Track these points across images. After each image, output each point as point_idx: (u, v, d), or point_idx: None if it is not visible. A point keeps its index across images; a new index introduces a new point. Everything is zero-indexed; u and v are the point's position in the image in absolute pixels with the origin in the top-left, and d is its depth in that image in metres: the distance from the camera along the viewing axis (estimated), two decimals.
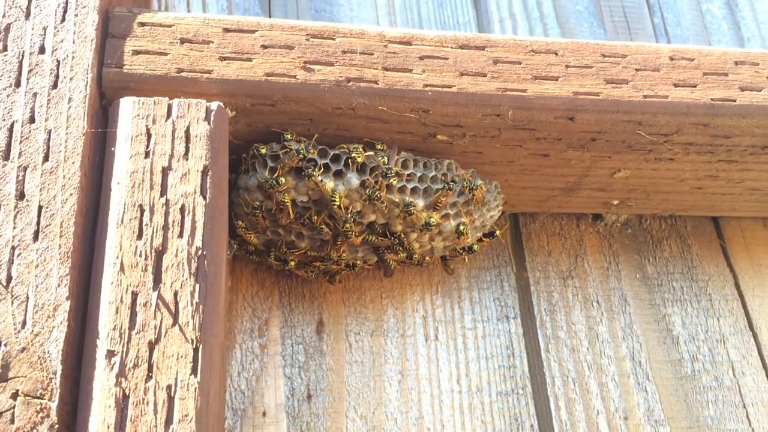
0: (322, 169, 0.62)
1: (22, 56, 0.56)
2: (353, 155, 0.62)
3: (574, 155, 0.69)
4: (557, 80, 0.64)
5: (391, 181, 0.62)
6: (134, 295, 0.50)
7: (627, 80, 0.65)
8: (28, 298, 0.49)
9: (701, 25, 1.00)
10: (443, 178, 0.66)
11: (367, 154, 0.62)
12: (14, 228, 0.50)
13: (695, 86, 0.67)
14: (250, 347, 0.71)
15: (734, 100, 0.67)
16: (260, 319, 0.72)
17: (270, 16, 0.87)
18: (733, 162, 0.72)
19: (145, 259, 0.51)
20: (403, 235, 0.67)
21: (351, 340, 0.73)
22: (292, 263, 0.69)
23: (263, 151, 0.62)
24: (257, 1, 0.88)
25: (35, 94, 0.55)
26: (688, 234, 0.85)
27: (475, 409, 0.72)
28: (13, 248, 0.50)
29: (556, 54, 0.65)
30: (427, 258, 0.72)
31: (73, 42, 0.57)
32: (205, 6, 0.87)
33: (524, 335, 0.76)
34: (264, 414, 0.68)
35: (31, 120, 0.54)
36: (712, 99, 0.66)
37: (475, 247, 0.72)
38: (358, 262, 0.70)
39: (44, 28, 0.57)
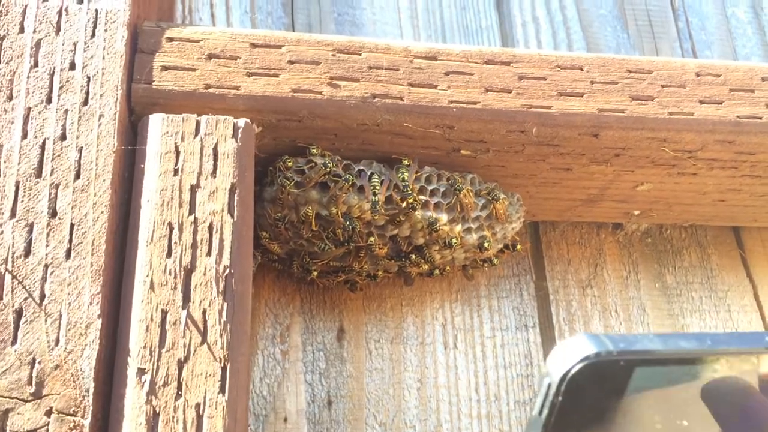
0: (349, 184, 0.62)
1: (53, 72, 0.56)
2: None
3: (597, 169, 0.69)
4: (582, 96, 0.64)
5: (408, 200, 0.62)
6: (164, 313, 0.51)
7: (652, 97, 0.65)
8: (61, 316, 0.50)
9: (726, 30, 0.99)
10: (455, 186, 0.65)
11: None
12: (47, 246, 0.51)
13: (721, 103, 0.66)
14: (272, 353, 0.72)
15: (760, 118, 0.66)
16: (282, 326, 0.73)
17: (293, 21, 0.87)
18: (757, 177, 0.71)
19: (175, 277, 0.52)
20: (425, 248, 0.67)
21: (371, 347, 0.74)
22: (315, 273, 0.69)
23: (289, 164, 0.63)
24: (280, 4, 0.88)
25: (66, 111, 0.55)
26: (708, 243, 0.85)
27: (493, 418, 0.73)
28: (46, 266, 0.51)
29: (582, 70, 0.65)
30: (448, 268, 0.73)
31: (103, 58, 0.57)
32: (228, 8, 0.87)
33: (543, 344, 0.77)
34: (285, 420, 0.69)
35: (63, 137, 0.54)
36: (737, 116, 0.66)
37: (495, 260, 0.73)
38: (380, 273, 0.70)
39: (74, 44, 0.57)
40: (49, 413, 0.47)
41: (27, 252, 0.51)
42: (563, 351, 0.36)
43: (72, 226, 0.52)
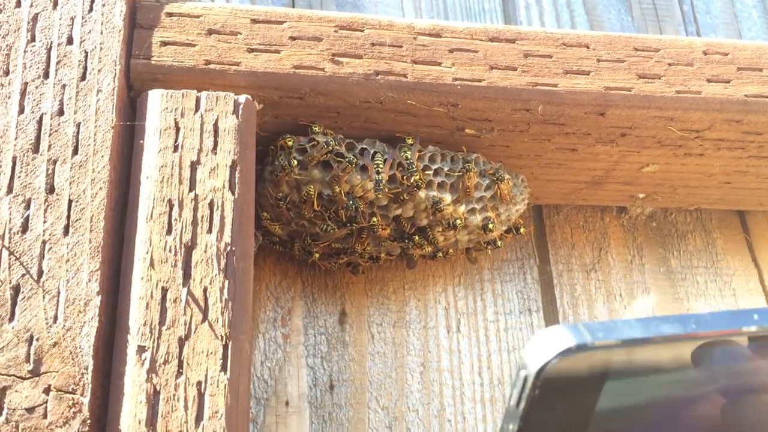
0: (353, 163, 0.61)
1: (51, 47, 0.55)
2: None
3: (603, 150, 0.68)
4: (588, 75, 0.63)
5: (414, 177, 0.61)
6: (164, 290, 0.50)
7: (659, 75, 0.64)
8: (59, 292, 0.49)
9: (731, 13, 0.98)
10: (463, 165, 0.65)
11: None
12: (45, 222, 0.50)
13: (729, 82, 0.65)
14: (273, 337, 0.71)
15: None
16: (283, 309, 0.72)
17: (293, 1, 0.86)
18: (764, 158, 0.71)
19: (175, 254, 0.51)
20: (428, 229, 0.66)
21: (373, 330, 0.73)
22: (317, 255, 0.68)
23: (290, 143, 0.62)
24: None
25: (64, 86, 0.54)
26: (713, 227, 0.85)
27: (496, 402, 0.72)
28: (44, 242, 0.50)
29: (588, 47, 0.64)
30: (451, 250, 0.72)
31: (101, 33, 0.56)
32: None
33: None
34: (287, 403, 0.69)
35: (60, 112, 0.53)
36: (745, 95, 0.65)
37: (499, 242, 0.72)
38: (382, 255, 0.69)
39: (72, 18, 0.56)
40: (47, 391, 0.46)
41: (24, 228, 0.50)
42: (541, 343, 0.34)
43: (70, 202, 0.51)
